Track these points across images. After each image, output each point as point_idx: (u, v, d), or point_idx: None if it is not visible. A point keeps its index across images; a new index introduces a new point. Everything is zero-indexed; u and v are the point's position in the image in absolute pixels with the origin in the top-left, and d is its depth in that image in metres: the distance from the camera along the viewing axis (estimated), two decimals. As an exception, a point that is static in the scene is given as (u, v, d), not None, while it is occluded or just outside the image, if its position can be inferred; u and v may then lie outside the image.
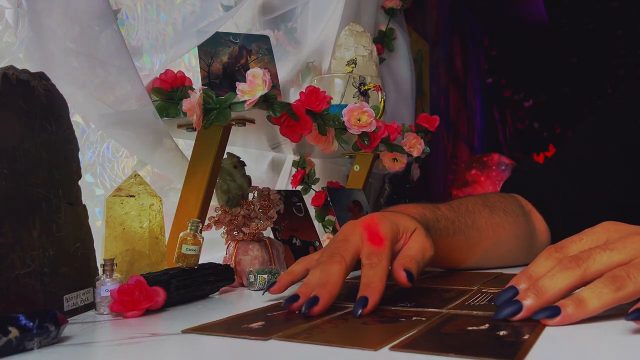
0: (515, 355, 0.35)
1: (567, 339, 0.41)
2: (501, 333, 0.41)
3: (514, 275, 0.72)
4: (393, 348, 0.38)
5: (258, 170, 1.23)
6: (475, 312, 0.49)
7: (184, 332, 0.45)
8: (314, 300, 0.50)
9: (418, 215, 0.66)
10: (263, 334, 0.43)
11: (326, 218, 1.20)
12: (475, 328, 0.43)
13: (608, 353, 0.37)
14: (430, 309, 0.51)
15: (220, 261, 0.73)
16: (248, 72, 0.72)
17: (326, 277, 0.52)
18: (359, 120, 0.90)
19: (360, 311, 0.49)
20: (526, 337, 0.40)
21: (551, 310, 0.43)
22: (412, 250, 0.58)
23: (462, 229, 0.71)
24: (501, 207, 0.78)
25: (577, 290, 0.45)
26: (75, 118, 0.85)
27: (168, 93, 0.77)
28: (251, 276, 0.68)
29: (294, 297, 0.52)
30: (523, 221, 0.80)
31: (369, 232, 0.56)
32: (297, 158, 1.20)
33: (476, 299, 0.55)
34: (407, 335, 0.41)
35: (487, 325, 0.43)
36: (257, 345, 0.41)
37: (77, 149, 0.57)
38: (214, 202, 0.80)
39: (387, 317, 0.48)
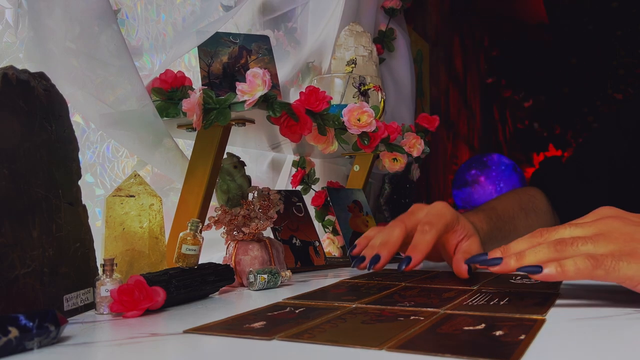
0: (511, 355, 0.35)
1: (563, 339, 0.41)
2: (497, 333, 0.41)
3: (510, 274, 0.72)
4: (389, 349, 0.38)
5: (258, 170, 1.23)
6: (472, 312, 0.49)
7: (186, 332, 0.45)
8: (376, 258, 0.60)
9: (478, 226, 0.75)
10: (266, 333, 0.43)
11: (326, 218, 1.20)
12: (471, 328, 0.43)
13: (605, 353, 0.37)
14: (428, 309, 0.51)
15: (220, 261, 0.73)
16: (248, 72, 0.72)
17: (387, 237, 0.63)
18: (358, 120, 0.90)
19: (404, 267, 0.59)
20: (522, 337, 0.40)
21: (533, 268, 0.50)
22: (472, 248, 0.67)
23: (506, 235, 0.80)
24: (532, 208, 0.89)
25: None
26: (75, 118, 0.85)
27: (168, 93, 0.77)
28: (251, 276, 0.68)
29: (361, 258, 0.63)
30: (550, 218, 0.90)
31: (432, 210, 0.66)
32: (297, 158, 1.20)
33: (475, 298, 0.55)
34: (404, 336, 0.41)
35: (483, 325, 0.44)
36: (258, 345, 0.41)
37: (77, 149, 0.57)
38: (214, 202, 0.80)
39: (385, 316, 0.48)
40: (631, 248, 0.49)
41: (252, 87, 0.72)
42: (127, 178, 0.67)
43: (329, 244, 1.14)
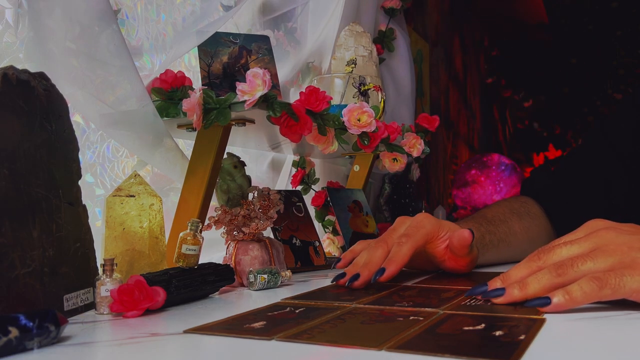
0: (511, 355, 0.35)
1: (563, 339, 0.41)
2: (497, 333, 0.41)
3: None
4: (389, 349, 0.38)
5: (258, 170, 1.23)
6: (471, 312, 0.49)
7: (186, 332, 0.45)
8: (355, 276, 0.62)
9: None
10: (265, 333, 0.43)
11: (326, 218, 1.20)
12: (471, 328, 0.43)
13: (605, 353, 0.37)
14: (427, 309, 0.51)
15: (220, 261, 0.73)
16: (248, 72, 0.72)
17: (369, 259, 0.65)
18: (358, 120, 0.90)
19: (377, 278, 0.61)
20: (522, 337, 0.40)
21: (541, 300, 0.49)
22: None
23: (503, 238, 0.82)
24: (526, 212, 0.89)
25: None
26: (75, 118, 0.85)
27: (168, 93, 0.77)
28: (251, 276, 0.68)
29: (342, 275, 0.66)
30: (544, 221, 0.91)
31: (412, 222, 0.68)
32: (297, 158, 1.20)
33: (474, 298, 0.55)
34: (403, 336, 0.41)
35: (483, 325, 0.44)
36: (258, 345, 0.41)
37: (77, 149, 0.57)
38: (214, 202, 0.80)
39: (385, 316, 0.48)
40: (631, 259, 0.49)
41: (252, 87, 0.72)
42: (127, 178, 0.67)
43: (329, 244, 1.14)
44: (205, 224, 0.74)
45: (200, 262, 0.64)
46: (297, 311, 0.51)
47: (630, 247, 0.49)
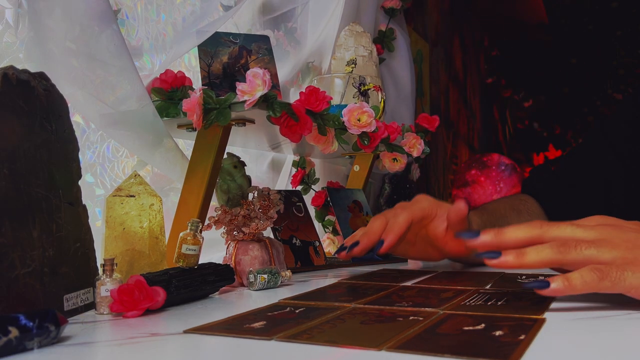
0: (511, 355, 0.35)
1: (563, 339, 0.41)
2: (497, 333, 0.41)
3: (515, 274, 0.73)
4: (389, 349, 0.38)
5: (258, 170, 1.23)
6: (471, 312, 0.49)
7: (186, 332, 0.45)
8: (355, 243, 0.67)
9: (470, 219, 0.77)
10: (265, 333, 0.43)
11: (326, 218, 1.20)
12: (471, 328, 0.43)
13: (605, 353, 0.37)
14: (427, 309, 0.51)
15: (220, 261, 0.73)
16: (248, 72, 0.72)
17: (368, 229, 0.69)
18: (358, 120, 0.90)
19: (378, 249, 0.64)
20: (522, 337, 0.40)
21: (540, 283, 0.48)
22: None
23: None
24: (525, 209, 0.90)
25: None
26: (75, 118, 0.85)
27: (168, 93, 0.77)
28: (251, 276, 0.68)
29: (342, 248, 0.70)
30: (544, 220, 0.89)
31: (412, 201, 0.71)
32: (297, 158, 1.20)
33: (473, 298, 0.55)
34: (403, 336, 0.41)
35: (482, 325, 0.44)
36: (258, 345, 0.41)
37: (77, 149, 0.57)
38: (214, 202, 0.80)
39: (384, 316, 0.48)
40: (634, 256, 0.48)
41: (252, 87, 0.72)
42: (127, 178, 0.67)
43: (329, 244, 1.14)
44: (205, 224, 0.74)
45: (200, 262, 0.64)
46: (297, 311, 0.51)
47: (635, 245, 0.49)
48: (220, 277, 0.65)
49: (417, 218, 0.70)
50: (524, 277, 0.70)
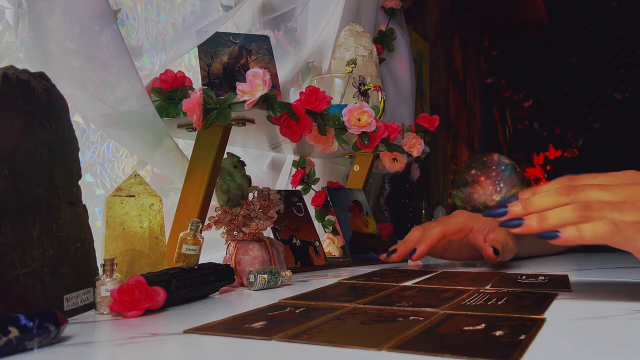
0: (511, 355, 0.35)
1: (563, 339, 0.41)
2: (497, 333, 0.41)
3: (515, 274, 0.73)
4: (389, 349, 0.38)
5: (258, 170, 1.23)
6: (471, 312, 0.49)
7: (186, 332, 0.45)
8: (393, 251, 0.79)
9: None
10: (265, 333, 0.43)
11: (326, 218, 1.20)
12: (471, 328, 0.43)
13: (605, 353, 0.37)
14: (427, 309, 0.51)
15: (220, 261, 0.73)
16: (248, 72, 0.72)
17: (406, 238, 0.81)
18: (358, 120, 0.90)
19: (411, 257, 0.75)
20: (522, 337, 0.40)
21: (550, 233, 0.50)
22: (499, 237, 0.77)
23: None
24: None
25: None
26: (75, 118, 0.85)
27: (168, 93, 0.77)
28: (251, 276, 0.68)
29: (394, 250, 0.81)
30: None
31: (450, 216, 0.82)
32: (297, 158, 1.20)
33: (473, 299, 0.55)
34: (403, 336, 0.41)
35: (483, 325, 0.44)
36: (258, 345, 0.41)
37: (77, 149, 0.57)
38: (214, 202, 0.80)
39: (384, 316, 0.48)
40: None
41: (252, 87, 0.72)
42: (127, 178, 0.67)
43: (329, 244, 1.14)
44: (205, 224, 0.74)
45: (200, 262, 0.64)
46: (297, 311, 0.51)
47: None
48: (220, 277, 0.65)
49: (451, 232, 0.81)
50: (524, 277, 0.70)
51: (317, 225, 1.17)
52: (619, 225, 0.48)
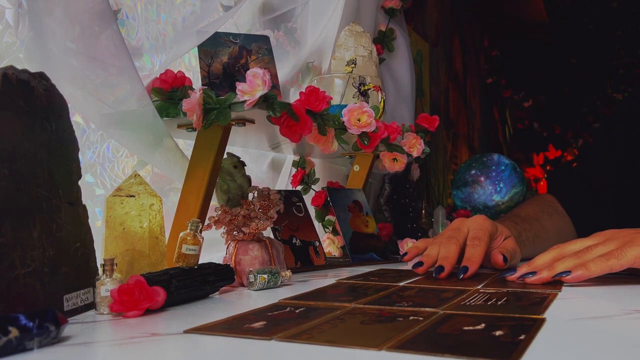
0: (511, 355, 0.35)
1: (563, 339, 0.41)
2: (497, 333, 0.41)
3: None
4: (389, 349, 0.38)
5: (258, 170, 1.23)
6: (471, 312, 0.49)
7: (186, 332, 0.45)
8: (440, 268, 0.71)
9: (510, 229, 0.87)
10: (265, 333, 0.43)
11: (326, 218, 1.20)
12: (471, 328, 0.43)
13: (605, 353, 0.37)
14: (427, 309, 0.51)
15: (220, 261, 0.73)
16: (248, 72, 0.72)
17: (447, 253, 0.74)
18: (358, 120, 0.90)
19: (462, 275, 0.70)
20: (522, 337, 0.40)
21: (563, 272, 0.63)
22: (508, 245, 0.80)
23: (537, 234, 0.93)
24: (553, 210, 1.02)
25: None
26: (76, 118, 0.85)
27: (168, 93, 0.77)
28: (251, 276, 0.68)
29: (420, 263, 0.76)
30: (568, 220, 1.03)
31: (476, 225, 0.78)
32: (297, 158, 1.20)
33: (473, 298, 0.55)
34: (403, 336, 0.41)
35: (483, 325, 0.44)
36: (258, 345, 0.41)
37: (77, 149, 0.57)
38: (214, 202, 0.80)
39: (384, 316, 0.48)
40: (630, 239, 0.63)
41: (252, 87, 0.72)
42: (127, 178, 0.67)
43: (329, 244, 1.14)
44: (205, 224, 0.74)
45: (200, 262, 0.64)
46: (297, 311, 0.51)
47: (632, 234, 0.64)
48: (220, 277, 0.65)
49: (488, 245, 0.79)
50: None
51: (317, 225, 1.17)
52: (606, 253, 0.62)
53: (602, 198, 1.02)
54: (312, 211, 1.14)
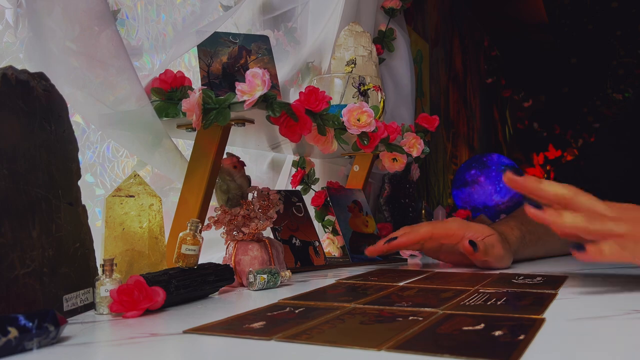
0: (511, 355, 0.35)
1: (563, 339, 0.41)
2: (496, 333, 0.41)
3: (513, 274, 0.72)
4: (388, 349, 0.38)
5: (258, 170, 1.23)
6: (471, 312, 0.49)
7: (185, 332, 0.45)
8: (393, 237, 0.81)
9: (509, 233, 0.87)
10: (265, 334, 0.43)
11: (326, 218, 1.20)
12: (470, 328, 0.43)
13: (605, 353, 0.37)
14: (427, 309, 0.51)
15: (220, 261, 0.73)
16: (247, 72, 0.72)
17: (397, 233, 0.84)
18: (358, 120, 0.90)
19: (387, 242, 0.81)
20: (521, 337, 0.40)
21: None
22: (491, 242, 0.79)
23: (541, 236, 0.92)
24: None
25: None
26: (75, 118, 0.85)
27: (168, 93, 0.77)
28: (251, 276, 0.68)
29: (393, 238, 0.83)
30: None
31: (444, 220, 0.84)
32: (296, 158, 1.20)
33: (473, 298, 0.55)
34: (403, 336, 0.41)
35: (482, 325, 0.44)
36: (258, 345, 0.41)
37: (77, 149, 0.57)
38: (214, 202, 0.80)
39: (384, 316, 0.48)
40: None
41: (251, 87, 0.72)
42: (127, 178, 0.67)
43: (329, 244, 1.14)
44: (205, 224, 0.74)
45: (200, 262, 0.64)
46: (296, 311, 0.51)
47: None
48: (220, 277, 0.65)
49: (439, 234, 0.82)
50: (521, 277, 0.70)
51: (317, 225, 1.17)
52: (621, 243, 0.57)
53: (608, 199, 1.03)
54: (311, 211, 1.14)
